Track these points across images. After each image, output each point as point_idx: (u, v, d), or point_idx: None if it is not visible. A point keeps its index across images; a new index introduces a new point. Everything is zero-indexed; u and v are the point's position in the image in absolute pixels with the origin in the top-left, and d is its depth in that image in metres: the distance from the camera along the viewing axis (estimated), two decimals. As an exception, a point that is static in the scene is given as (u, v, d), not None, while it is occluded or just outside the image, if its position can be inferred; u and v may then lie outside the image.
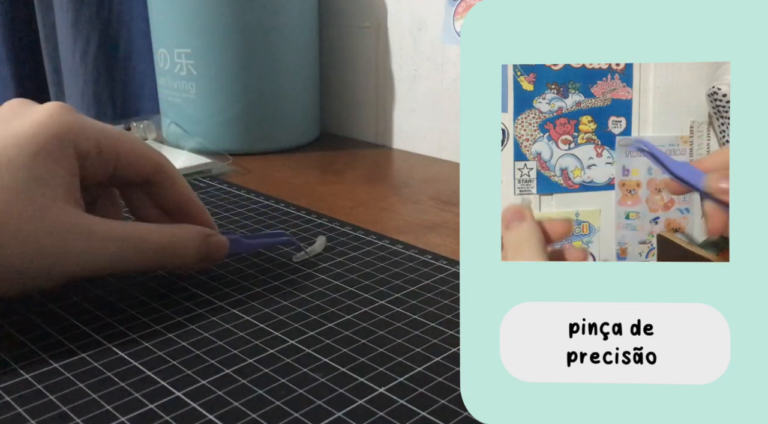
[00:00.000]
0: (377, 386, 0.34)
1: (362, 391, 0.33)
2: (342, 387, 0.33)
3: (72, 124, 0.37)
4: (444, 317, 0.40)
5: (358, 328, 0.39)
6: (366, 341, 0.38)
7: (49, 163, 0.35)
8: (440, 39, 0.73)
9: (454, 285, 0.44)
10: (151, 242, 0.39)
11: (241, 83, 0.73)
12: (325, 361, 0.36)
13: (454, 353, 0.36)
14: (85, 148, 0.38)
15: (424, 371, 0.35)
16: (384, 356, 0.36)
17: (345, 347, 0.37)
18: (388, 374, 0.35)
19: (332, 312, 0.41)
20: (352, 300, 0.42)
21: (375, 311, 0.41)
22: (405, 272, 0.46)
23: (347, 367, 0.35)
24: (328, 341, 0.38)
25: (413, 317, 0.40)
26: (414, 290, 0.44)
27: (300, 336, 0.38)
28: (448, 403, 0.32)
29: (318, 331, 0.39)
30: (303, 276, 0.45)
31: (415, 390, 0.33)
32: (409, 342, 0.38)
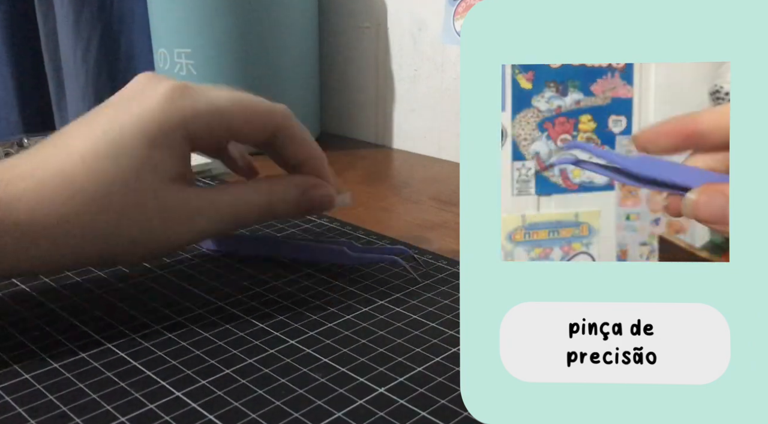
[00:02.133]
0: (377, 386, 0.34)
1: (362, 391, 0.33)
2: (342, 387, 0.33)
3: (184, 110, 0.38)
4: (444, 317, 0.40)
5: (358, 328, 0.39)
6: (366, 341, 0.38)
7: (161, 151, 0.38)
8: (440, 39, 0.73)
9: (454, 285, 0.44)
10: (250, 204, 0.41)
11: (241, 83, 0.73)
12: (325, 361, 0.36)
13: (454, 353, 0.36)
14: (195, 131, 0.39)
15: (424, 371, 0.35)
16: (384, 356, 0.36)
17: (345, 347, 0.37)
18: (388, 374, 0.35)
19: (332, 312, 0.41)
20: (352, 300, 0.42)
21: (375, 311, 0.41)
22: (405, 272, 0.46)
23: (347, 367, 0.35)
24: (328, 341, 0.38)
25: (413, 317, 0.40)
26: (414, 290, 0.44)
27: (300, 336, 0.38)
28: (448, 403, 0.32)
29: (318, 331, 0.39)
30: (303, 276, 0.45)
31: (415, 390, 0.33)
32: (409, 342, 0.38)
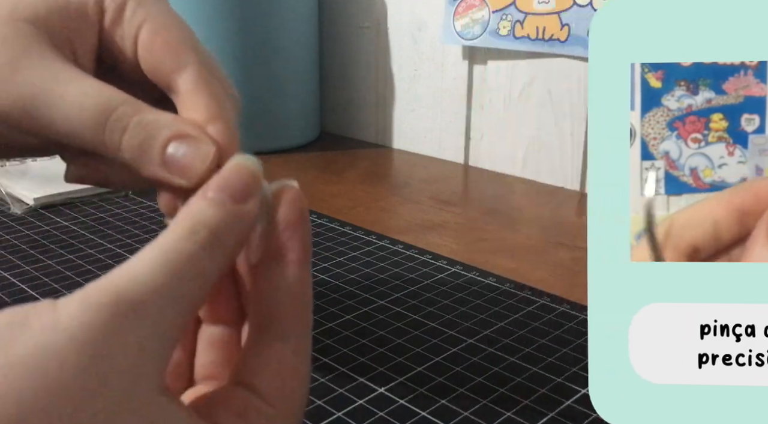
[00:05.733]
0: (377, 386, 0.34)
1: (362, 391, 0.33)
2: (342, 387, 0.33)
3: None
4: (444, 317, 0.40)
5: (358, 328, 0.39)
6: (366, 341, 0.38)
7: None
8: (440, 39, 0.73)
9: (453, 285, 0.44)
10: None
11: (241, 83, 0.73)
12: (325, 361, 0.36)
13: (454, 353, 0.36)
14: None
15: (424, 371, 0.35)
16: (384, 356, 0.36)
17: (345, 347, 0.37)
18: (389, 374, 0.35)
19: (332, 312, 0.41)
20: (352, 300, 0.42)
21: (375, 311, 0.41)
22: (405, 272, 0.46)
23: (347, 367, 0.35)
24: (328, 341, 0.38)
25: (413, 317, 0.40)
26: (414, 290, 0.44)
27: (300, 336, 0.38)
28: (449, 403, 0.32)
29: (318, 331, 0.39)
30: (303, 276, 0.45)
31: (415, 390, 0.33)
32: (409, 342, 0.38)
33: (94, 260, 0.48)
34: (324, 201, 0.61)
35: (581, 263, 0.49)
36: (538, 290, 0.44)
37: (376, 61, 0.81)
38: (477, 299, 0.42)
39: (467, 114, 0.74)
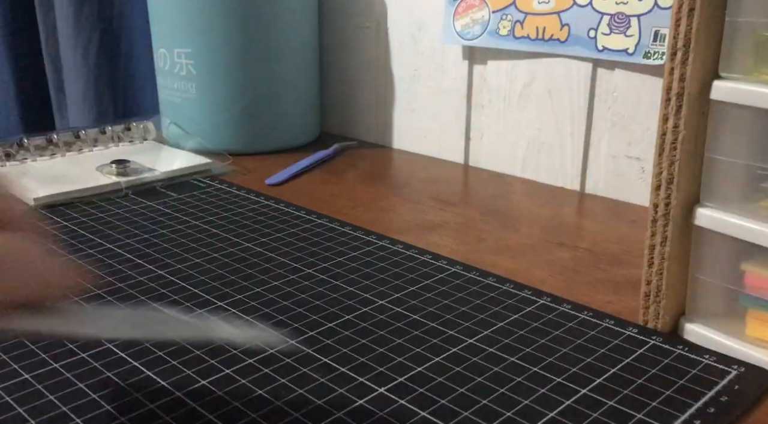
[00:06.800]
0: (377, 386, 0.34)
1: (362, 391, 0.33)
2: (342, 387, 0.33)
3: None
4: (444, 317, 0.40)
5: (358, 328, 0.39)
6: (366, 341, 0.38)
7: None
8: (440, 39, 0.73)
9: (453, 285, 0.44)
10: None
11: (241, 83, 0.73)
12: (325, 361, 0.36)
13: (454, 353, 0.36)
14: None
15: (424, 371, 0.35)
16: (384, 356, 0.36)
17: (345, 347, 0.37)
18: (388, 374, 0.35)
19: (332, 312, 0.41)
20: (352, 300, 0.42)
21: (375, 311, 0.41)
22: (405, 272, 0.46)
23: (347, 367, 0.35)
24: (328, 341, 0.38)
25: (413, 317, 0.40)
26: (414, 290, 0.44)
27: (300, 336, 0.38)
28: (448, 403, 0.32)
29: (318, 331, 0.39)
30: (303, 276, 0.45)
31: (415, 390, 0.33)
32: (409, 342, 0.38)
33: (94, 260, 0.48)
34: (324, 201, 0.61)
35: (581, 263, 0.49)
36: (538, 290, 0.44)
37: (376, 61, 0.81)
38: (477, 299, 0.42)
39: (467, 114, 0.74)
